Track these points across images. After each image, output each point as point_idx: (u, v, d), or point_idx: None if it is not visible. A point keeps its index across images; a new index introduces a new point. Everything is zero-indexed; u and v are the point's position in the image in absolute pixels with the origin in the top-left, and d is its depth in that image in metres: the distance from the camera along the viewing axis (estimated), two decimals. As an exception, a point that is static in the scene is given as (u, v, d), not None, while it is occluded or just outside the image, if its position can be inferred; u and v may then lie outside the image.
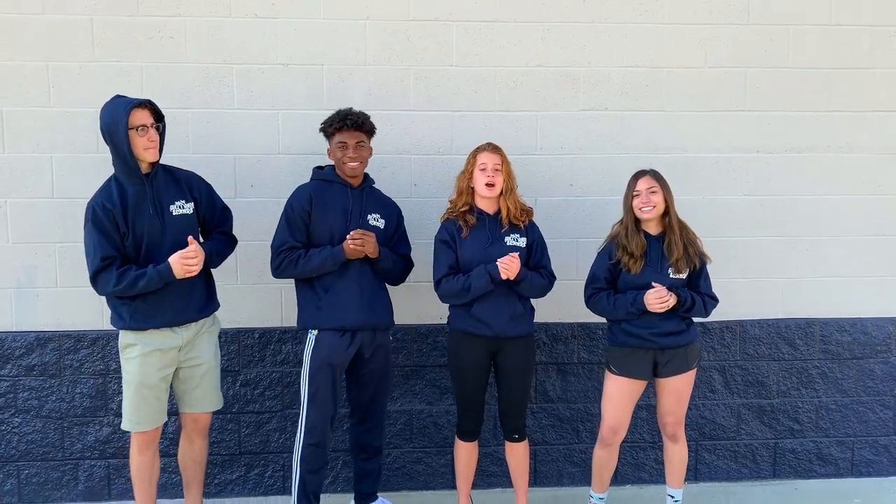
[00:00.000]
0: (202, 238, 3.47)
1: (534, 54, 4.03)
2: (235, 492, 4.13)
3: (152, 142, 3.19)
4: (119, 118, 3.12)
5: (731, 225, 4.19)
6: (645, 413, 4.17)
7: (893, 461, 4.40)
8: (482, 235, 3.49)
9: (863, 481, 4.35)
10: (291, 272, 3.46)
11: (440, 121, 4.02)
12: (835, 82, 4.17)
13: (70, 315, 3.95)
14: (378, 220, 3.56)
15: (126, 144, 3.13)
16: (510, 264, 3.36)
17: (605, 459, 3.65)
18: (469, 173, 3.52)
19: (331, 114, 3.52)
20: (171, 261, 3.19)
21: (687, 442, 3.72)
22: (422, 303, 3.97)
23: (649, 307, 3.37)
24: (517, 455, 3.67)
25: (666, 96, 4.11)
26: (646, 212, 3.44)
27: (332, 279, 3.46)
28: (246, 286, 3.98)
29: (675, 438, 3.64)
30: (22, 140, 3.86)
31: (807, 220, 4.23)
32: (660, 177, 3.48)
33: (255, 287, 3.97)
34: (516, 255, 3.39)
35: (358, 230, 3.41)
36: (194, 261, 3.21)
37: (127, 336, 3.28)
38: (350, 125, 3.46)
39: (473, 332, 3.48)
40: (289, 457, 3.65)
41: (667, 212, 3.48)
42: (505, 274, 3.37)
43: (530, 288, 3.50)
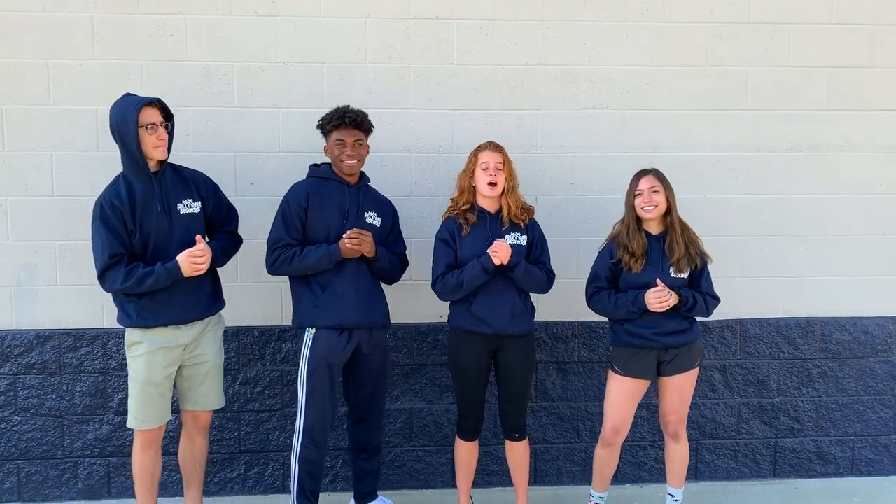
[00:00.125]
0: (208, 237, 3.47)
1: (535, 53, 4.03)
2: (235, 490, 4.13)
3: (161, 140, 3.20)
4: (129, 116, 3.13)
5: (732, 224, 4.19)
6: (645, 412, 4.17)
7: (894, 461, 4.39)
8: (482, 234, 3.48)
9: (863, 480, 4.35)
10: (286, 269, 3.44)
11: (441, 119, 4.02)
12: (836, 81, 4.17)
13: (70, 313, 3.95)
14: (374, 219, 3.55)
15: (136, 142, 3.14)
16: (500, 248, 3.35)
17: (607, 459, 3.65)
18: (471, 172, 3.51)
19: (328, 111, 3.51)
20: (180, 259, 3.20)
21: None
22: (422, 301, 3.97)
23: (650, 306, 3.37)
24: (517, 454, 3.67)
25: (667, 95, 4.10)
26: (647, 211, 3.44)
27: (329, 277, 3.44)
28: (246, 284, 3.97)
29: (677, 437, 3.64)
30: (22, 138, 3.86)
31: (807, 220, 4.23)
32: (662, 176, 3.48)
33: (255, 285, 3.97)
34: (504, 241, 3.37)
35: (355, 229, 3.40)
36: (202, 259, 3.22)
37: (134, 334, 3.28)
38: (348, 123, 3.44)
39: (473, 331, 3.48)
40: (289, 455, 3.64)
41: (668, 211, 3.48)
42: (497, 258, 3.35)
43: (528, 278, 3.46)
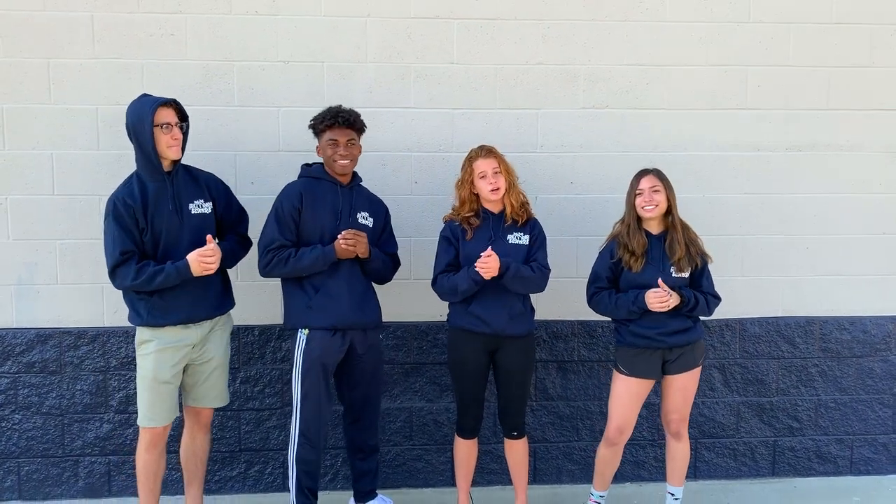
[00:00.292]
0: (218, 238, 3.49)
1: (534, 52, 4.03)
2: (235, 489, 4.13)
3: (175, 140, 3.24)
4: (145, 116, 3.18)
5: (732, 223, 4.19)
6: (645, 411, 4.17)
7: (892, 459, 4.40)
8: (485, 234, 3.49)
9: (861, 479, 4.35)
10: (280, 271, 3.42)
11: (441, 118, 4.02)
12: (835, 81, 4.17)
13: (70, 312, 3.95)
14: (367, 219, 3.54)
15: (150, 142, 3.19)
16: (486, 263, 3.32)
17: (610, 458, 3.65)
18: (469, 182, 3.50)
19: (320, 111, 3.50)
20: (190, 258, 3.23)
21: (687, 440, 3.73)
22: (422, 300, 3.97)
23: (650, 307, 3.37)
24: (516, 452, 3.67)
25: (666, 94, 4.10)
26: (648, 210, 3.44)
27: (323, 278, 3.43)
28: (246, 283, 3.97)
29: (679, 436, 3.64)
30: (22, 137, 3.86)
31: (807, 219, 4.23)
32: (663, 176, 3.49)
33: (255, 284, 3.97)
34: (491, 251, 3.34)
35: (350, 230, 3.38)
36: (212, 259, 3.24)
37: (143, 333, 3.32)
38: (341, 122, 3.42)
39: (472, 330, 3.49)
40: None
41: (669, 211, 3.49)
42: (486, 273, 3.34)
43: (520, 282, 3.43)
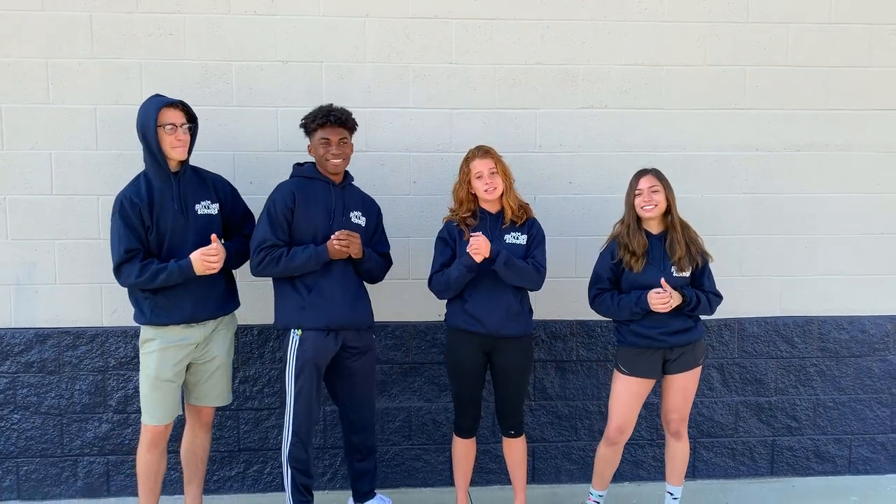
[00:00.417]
0: (224, 240, 3.51)
1: (533, 52, 4.03)
2: (234, 488, 4.14)
3: (179, 140, 3.26)
4: (150, 116, 3.22)
5: (730, 223, 4.19)
6: (644, 411, 4.16)
7: (891, 459, 4.41)
8: (482, 234, 3.48)
9: (860, 479, 4.36)
10: (272, 270, 3.40)
11: (439, 118, 4.02)
12: (834, 80, 4.18)
13: (69, 312, 3.95)
14: (360, 218, 3.53)
15: (155, 142, 3.22)
16: (477, 244, 3.33)
17: (610, 458, 3.65)
18: (466, 183, 3.50)
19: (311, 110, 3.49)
20: (193, 257, 3.25)
21: (685, 439, 3.74)
22: (421, 300, 3.97)
23: (652, 307, 3.37)
24: (515, 451, 3.67)
25: (665, 94, 4.11)
26: (647, 211, 3.44)
27: (316, 278, 3.41)
28: (245, 283, 3.95)
29: (679, 436, 3.64)
30: (21, 136, 3.86)
31: (805, 219, 4.23)
32: (662, 176, 3.49)
33: (254, 284, 3.95)
34: (480, 234, 3.35)
35: (344, 231, 3.37)
36: (215, 258, 3.26)
37: (147, 331, 3.35)
38: (333, 121, 3.41)
39: (468, 329, 3.49)
40: (287, 454, 3.67)
41: (668, 211, 3.49)
42: (477, 255, 3.33)
43: (513, 271, 3.41)
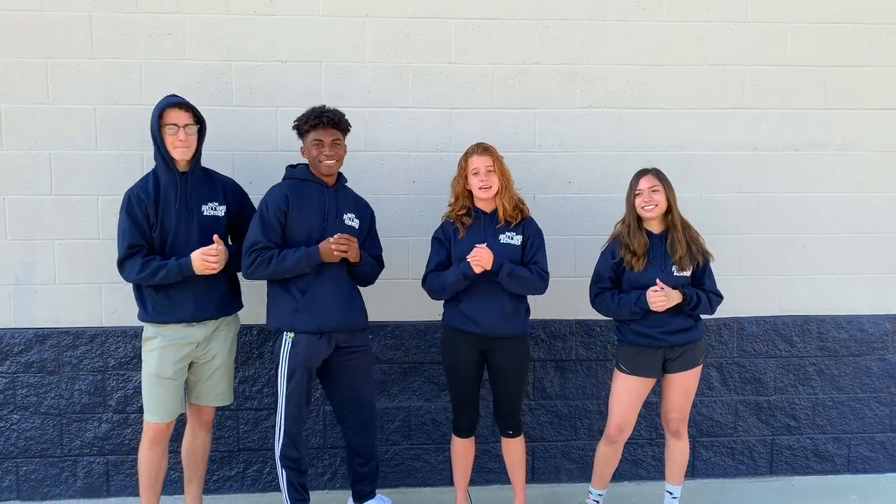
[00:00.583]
0: (230, 242, 3.54)
1: (532, 52, 4.04)
2: (234, 488, 4.14)
3: (181, 141, 3.30)
4: (154, 115, 3.30)
5: (729, 222, 4.20)
6: (643, 410, 4.16)
7: (890, 458, 4.41)
8: (477, 234, 3.49)
9: (859, 478, 4.36)
10: (263, 272, 3.38)
11: (439, 118, 4.03)
12: (832, 80, 4.18)
13: (68, 312, 3.95)
14: (353, 220, 3.52)
15: (159, 140, 3.30)
16: (479, 255, 3.33)
17: (609, 457, 3.66)
18: (463, 178, 3.51)
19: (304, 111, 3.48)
20: (193, 256, 3.28)
21: (685, 439, 3.74)
22: (420, 299, 3.94)
23: (651, 306, 3.38)
24: (513, 450, 3.68)
25: (664, 94, 4.11)
26: (648, 210, 3.45)
27: (309, 281, 3.40)
28: (244, 283, 3.96)
29: (679, 435, 3.65)
30: (20, 137, 3.86)
31: (804, 218, 4.24)
32: (662, 175, 3.50)
33: (253, 285, 3.95)
34: (484, 246, 3.35)
35: (343, 235, 3.36)
36: (215, 259, 3.28)
37: (149, 329, 3.38)
38: (326, 122, 3.40)
39: (463, 329, 3.49)
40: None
41: (669, 210, 3.49)
42: (478, 267, 3.34)
43: (517, 282, 3.42)
